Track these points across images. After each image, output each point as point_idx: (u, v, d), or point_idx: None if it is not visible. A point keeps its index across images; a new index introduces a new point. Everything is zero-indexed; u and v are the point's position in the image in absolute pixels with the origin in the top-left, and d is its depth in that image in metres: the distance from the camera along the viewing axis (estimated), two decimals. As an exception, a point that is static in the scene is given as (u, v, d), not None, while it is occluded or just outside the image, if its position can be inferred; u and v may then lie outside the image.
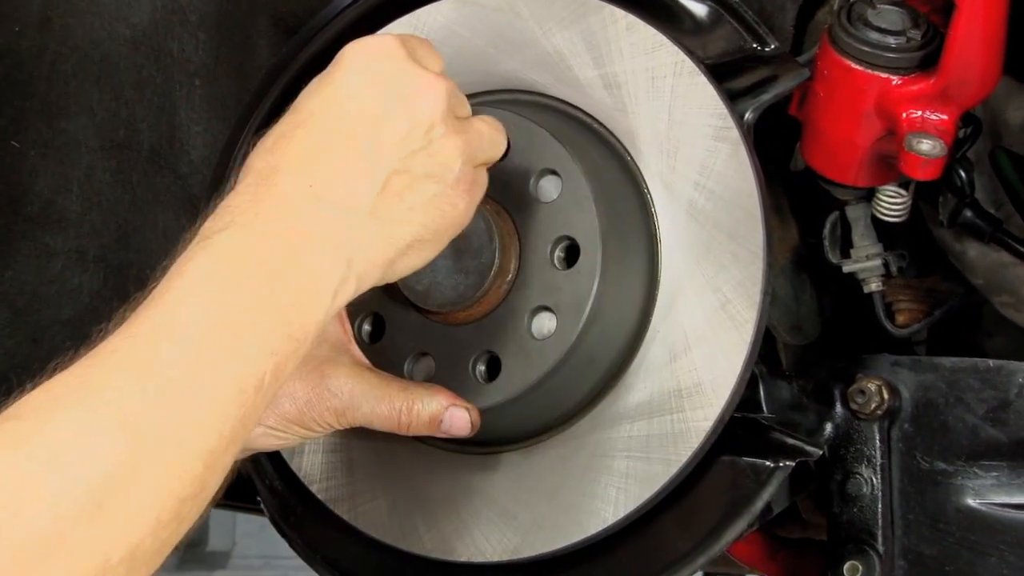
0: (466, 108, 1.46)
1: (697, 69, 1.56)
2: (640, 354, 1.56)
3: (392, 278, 1.41)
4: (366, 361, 1.59)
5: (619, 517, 1.54)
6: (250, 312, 1.23)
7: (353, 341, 1.61)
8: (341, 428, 1.56)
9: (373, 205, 1.34)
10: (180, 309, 1.21)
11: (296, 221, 1.29)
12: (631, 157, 1.60)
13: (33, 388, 1.13)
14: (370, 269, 1.35)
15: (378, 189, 1.35)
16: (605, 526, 1.54)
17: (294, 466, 1.71)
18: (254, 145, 1.38)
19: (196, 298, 1.22)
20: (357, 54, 1.39)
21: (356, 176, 1.34)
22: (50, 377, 1.14)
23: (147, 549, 1.11)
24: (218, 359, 1.19)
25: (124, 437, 1.11)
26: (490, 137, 1.46)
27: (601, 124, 1.62)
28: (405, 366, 1.60)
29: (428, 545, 1.62)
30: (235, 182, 1.36)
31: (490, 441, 1.61)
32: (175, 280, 1.23)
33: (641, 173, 1.59)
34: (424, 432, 1.56)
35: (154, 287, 1.23)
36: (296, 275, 1.27)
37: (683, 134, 1.56)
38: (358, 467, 1.68)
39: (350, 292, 1.33)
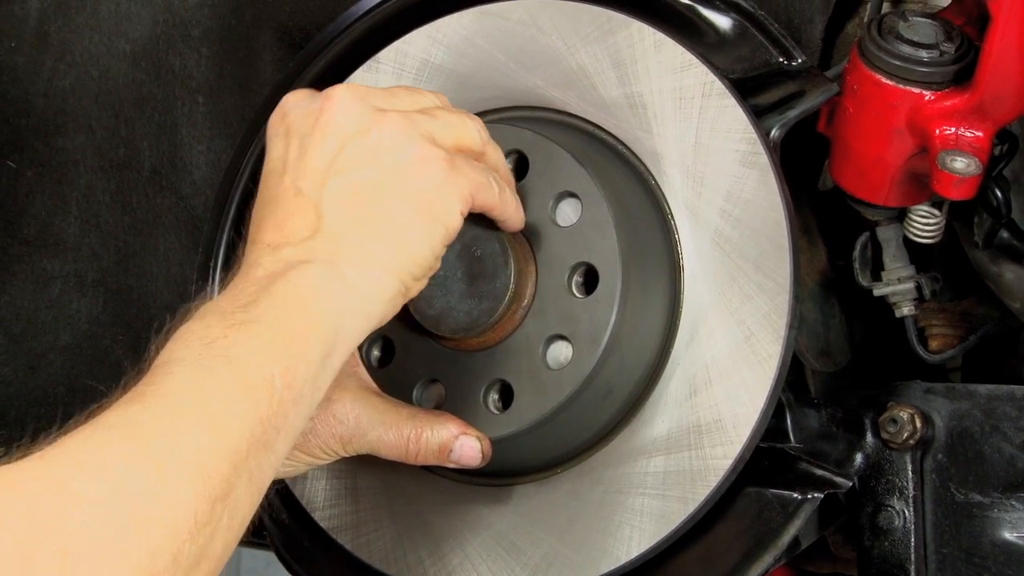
0: (404, 104, 1.45)
1: (726, 91, 1.55)
2: (659, 387, 1.54)
3: (414, 269, 1.39)
4: (374, 386, 1.58)
5: (632, 557, 1.52)
6: (241, 324, 1.27)
7: (361, 364, 1.59)
8: (347, 455, 1.55)
9: (328, 223, 1.36)
10: (175, 346, 1.27)
11: (269, 267, 1.34)
12: (655, 181, 1.58)
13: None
14: (371, 271, 1.36)
15: (324, 209, 1.37)
16: (618, 565, 1.52)
17: (296, 492, 1.70)
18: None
19: (189, 333, 1.28)
20: (270, 124, 1.45)
21: (294, 215, 1.38)
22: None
23: (188, 555, 1.13)
24: (217, 367, 1.23)
25: (138, 446, 1.15)
26: (447, 119, 1.45)
27: (625, 145, 1.60)
28: (414, 392, 1.58)
29: None
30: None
31: (501, 473, 1.59)
32: (171, 338, 1.29)
33: (665, 198, 1.57)
34: (432, 461, 1.54)
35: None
36: (280, 289, 1.31)
37: (710, 159, 1.54)
38: (363, 495, 1.67)
39: (356, 298, 1.35)
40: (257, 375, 1.24)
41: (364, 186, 1.38)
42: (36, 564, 1.04)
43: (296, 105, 1.44)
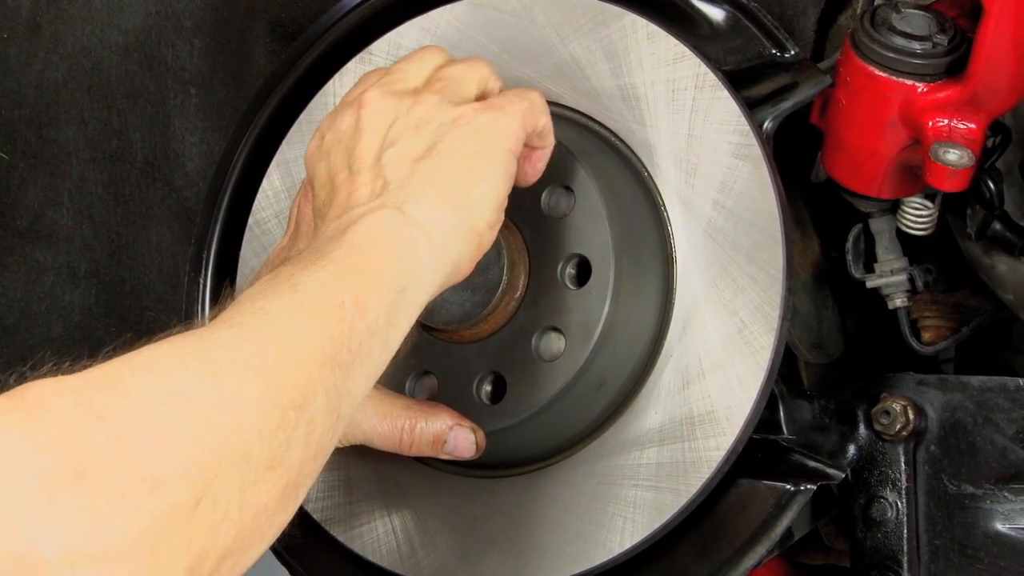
0: (417, 76, 1.47)
1: (719, 83, 1.54)
2: (652, 379, 1.54)
3: (482, 212, 1.39)
4: None
5: (625, 548, 1.51)
6: (310, 263, 1.28)
7: None
8: (341, 446, 1.54)
9: (392, 182, 1.37)
10: (244, 292, 1.27)
11: (339, 227, 1.34)
12: (648, 172, 1.57)
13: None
14: (438, 213, 1.36)
15: (386, 172, 1.38)
16: (610, 557, 1.52)
17: None
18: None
19: (257, 281, 1.29)
20: (309, 152, 1.48)
21: (358, 188, 1.38)
22: None
23: (259, 456, 1.12)
24: (283, 293, 1.23)
25: (195, 352, 1.14)
26: (460, 74, 1.46)
27: (618, 137, 1.59)
28: (407, 385, 1.58)
29: (426, 571, 1.60)
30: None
31: (494, 464, 1.59)
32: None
33: (658, 190, 1.57)
34: (426, 453, 1.54)
35: None
36: (348, 236, 1.31)
37: (703, 150, 1.54)
38: (356, 487, 1.66)
39: (426, 237, 1.34)
40: (326, 300, 1.24)
41: (417, 149, 1.39)
42: (90, 447, 1.02)
43: (329, 125, 1.46)
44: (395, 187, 1.37)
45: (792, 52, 1.58)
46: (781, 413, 1.59)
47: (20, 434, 1.01)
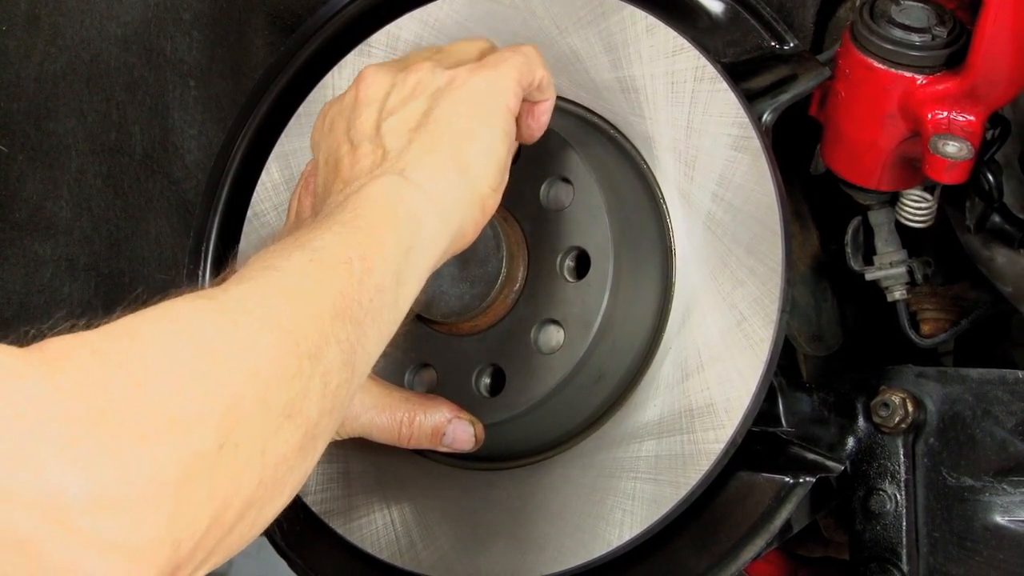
0: (419, 57, 1.48)
1: (718, 75, 1.54)
2: (651, 371, 1.54)
3: (482, 172, 1.39)
4: None
5: (624, 540, 1.52)
6: (317, 227, 1.29)
7: None
8: (340, 439, 1.55)
9: (392, 150, 1.39)
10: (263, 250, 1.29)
11: (342, 198, 1.36)
12: (647, 165, 1.57)
13: None
14: (439, 176, 1.37)
15: (386, 142, 1.40)
16: (610, 549, 1.52)
17: None
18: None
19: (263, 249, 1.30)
20: (315, 130, 1.49)
21: (360, 160, 1.40)
22: None
23: (278, 403, 1.12)
24: (292, 252, 1.24)
25: (209, 304, 1.14)
26: (458, 46, 1.48)
27: (617, 130, 1.59)
28: (405, 377, 1.58)
29: (425, 563, 1.60)
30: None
31: (493, 457, 1.59)
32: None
33: (657, 182, 1.57)
34: (425, 445, 1.55)
35: None
36: (353, 202, 1.32)
37: (702, 143, 1.54)
38: (355, 479, 1.66)
39: (429, 199, 1.35)
40: (334, 256, 1.24)
41: (414, 116, 1.40)
42: (110, 392, 1.02)
43: (332, 104, 1.47)
44: (394, 156, 1.37)
45: (791, 44, 1.58)
46: (780, 406, 1.60)
47: (40, 380, 1.01)
